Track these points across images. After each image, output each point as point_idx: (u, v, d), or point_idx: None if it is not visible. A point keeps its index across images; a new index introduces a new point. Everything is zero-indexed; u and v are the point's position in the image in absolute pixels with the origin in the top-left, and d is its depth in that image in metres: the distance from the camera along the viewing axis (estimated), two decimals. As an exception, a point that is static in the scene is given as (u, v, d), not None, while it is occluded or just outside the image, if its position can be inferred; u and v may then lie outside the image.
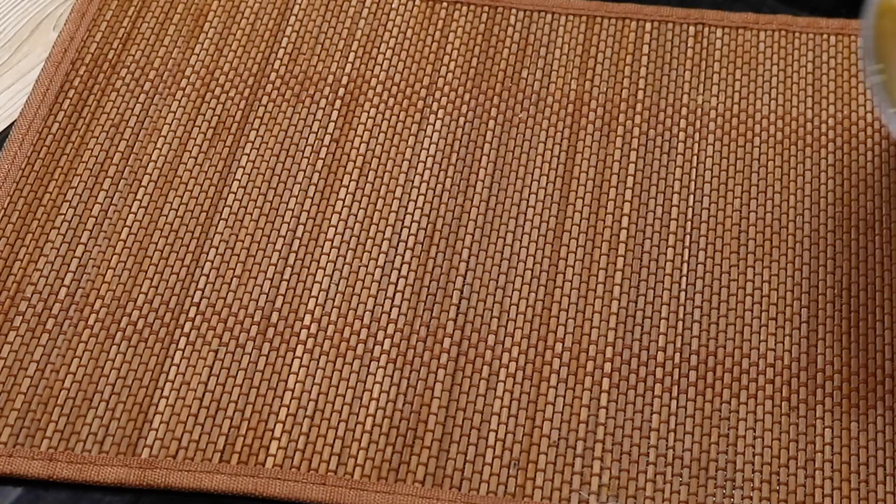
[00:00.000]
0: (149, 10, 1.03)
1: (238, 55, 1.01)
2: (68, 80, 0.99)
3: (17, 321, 0.86)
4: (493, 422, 0.81)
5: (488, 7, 1.03)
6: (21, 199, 0.92)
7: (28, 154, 0.94)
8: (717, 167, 0.93)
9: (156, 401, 0.82)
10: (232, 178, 0.93)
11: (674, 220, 0.91)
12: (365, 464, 0.79)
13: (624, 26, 1.02)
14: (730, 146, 0.94)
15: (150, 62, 1.00)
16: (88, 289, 0.87)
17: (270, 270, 0.88)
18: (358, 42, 1.01)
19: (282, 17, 1.03)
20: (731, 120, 0.96)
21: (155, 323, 0.85)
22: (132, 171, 0.94)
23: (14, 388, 0.83)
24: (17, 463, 0.80)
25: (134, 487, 0.79)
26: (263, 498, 0.79)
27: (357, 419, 0.81)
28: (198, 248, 0.89)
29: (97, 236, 0.90)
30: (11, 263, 0.89)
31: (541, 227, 0.90)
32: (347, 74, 0.99)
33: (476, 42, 1.01)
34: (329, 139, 0.95)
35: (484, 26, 1.02)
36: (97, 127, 0.96)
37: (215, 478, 0.79)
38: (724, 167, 0.93)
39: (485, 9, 1.03)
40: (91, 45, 1.01)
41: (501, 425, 0.81)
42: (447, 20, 1.03)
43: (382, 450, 0.79)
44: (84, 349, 0.85)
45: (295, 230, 0.90)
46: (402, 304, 0.86)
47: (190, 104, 0.98)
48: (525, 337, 0.84)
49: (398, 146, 0.95)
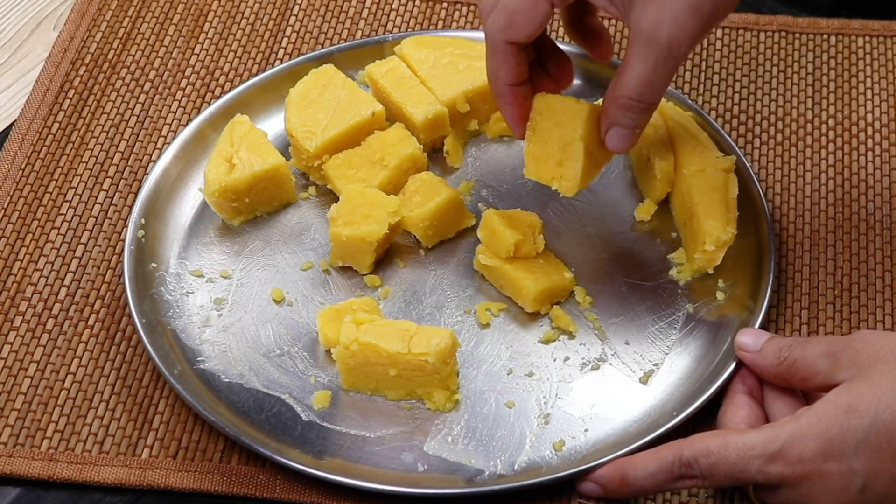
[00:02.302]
0: (149, 10, 1.03)
1: (238, 55, 1.01)
2: (68, 80, 0.99)
3: (17, 321, 0.86)
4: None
5: (488, 7, 1.03)
6: (21, 199, 0.92)
7: (28, 154, 0.94)
8: (717, 167, 0.93)
9: (156, 401, 0.82)
10: (232, 179, 0.93)
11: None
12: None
13: (625, 27, 1.02)
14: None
15: (150, 62, 1.00)
16: (88, 289, 0.87)
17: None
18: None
19: (282, 17, 1.03)
20: (732, 121, 0.96)
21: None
22: (132, 171, 0.94)
23: (14, 388, 0.83)
24: (17, 463, 0.80)
25: (134, 488, 0.79)
26: (263, 498, 0.79)
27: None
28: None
29: (97, 236, 0.90)
30: (11, 263, 0.89)
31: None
32: (347, 74, 0.99)
33: (476, 42, 1.01)
34: (329, 139, 0.95)
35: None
36: (97, 127, 0.96)
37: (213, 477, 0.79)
38: (725, 167, 0.93)
39: (485, 9, 1.03)
40: (91, 45, 1.01)
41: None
42: (447, 20, 1.03)
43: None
44: (84, 349, 0.85)
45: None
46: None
47: (190, 104, 0.98)
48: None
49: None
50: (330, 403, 0.82)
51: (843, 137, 0.95)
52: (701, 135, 0.90)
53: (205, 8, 1.04)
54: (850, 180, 0.93)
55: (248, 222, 0.90)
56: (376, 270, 0.88)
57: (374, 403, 0.82)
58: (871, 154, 0.94)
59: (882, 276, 0.88)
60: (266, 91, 0.95)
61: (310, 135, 0.90)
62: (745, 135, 0.95)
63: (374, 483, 0.77)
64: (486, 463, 0.79)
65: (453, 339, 0.80)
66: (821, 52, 1.00)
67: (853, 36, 1.01)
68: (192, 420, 0.81)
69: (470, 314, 0.86)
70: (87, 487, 0.79)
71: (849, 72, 0.99)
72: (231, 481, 0.79)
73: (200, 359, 0.84)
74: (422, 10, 1.03)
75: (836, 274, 0.88)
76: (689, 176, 0.87)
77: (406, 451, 0.80)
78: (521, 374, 0.83)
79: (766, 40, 1.01)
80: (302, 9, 1.03)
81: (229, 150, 0.89)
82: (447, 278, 0.87)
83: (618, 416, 0.81)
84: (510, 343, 0.84)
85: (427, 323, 0.85)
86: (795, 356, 0.75)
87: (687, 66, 0.99)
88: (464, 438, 0.80)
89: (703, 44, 1.01)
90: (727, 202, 0.85)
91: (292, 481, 0.79)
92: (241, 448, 0.80)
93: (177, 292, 0.86)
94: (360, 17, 1.03)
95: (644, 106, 0.77)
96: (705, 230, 0.84)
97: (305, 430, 0.81)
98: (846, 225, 0.91)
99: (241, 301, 0.86)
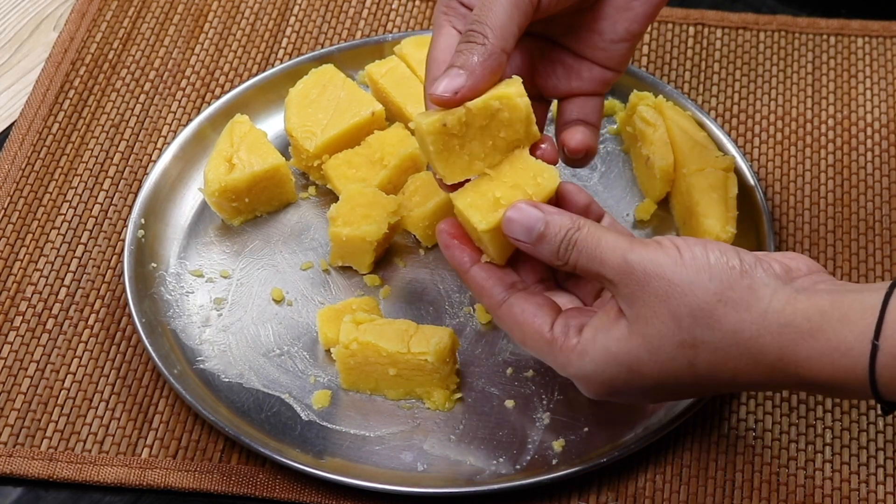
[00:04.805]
0: (149, 10, 1.03)
1: (238, 55, 1.01)
2: (68, 80, 0.99)
3: (17, 321, 0.86)
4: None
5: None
6: (21, 199, 0.92)
7: (28, 154, 0.94)
8: (716, 167, 0.93)
9: (156, 400, 0.82)
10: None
11: (674, 221, 0.91)
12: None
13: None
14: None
15: (150, 62, 1.00)
16: (88, 289, 0.87)
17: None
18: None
19: (282, 17, 1.03)
20: (731, 120, 0.96)
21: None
22: (132, 171, 0.94)
23: (14, 388, 0.83)
24: (17, 463, 0.80)
25: (134, 487, 0.79)
26: (263, 498, 0.79)
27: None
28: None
29: (97, 236, 0.90)
30: (11, 263, 0.89)
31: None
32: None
33: (476, 42, 1.01)
34: (329, 139, 0.95)
35: (484, 26, 1.02)
36: (97, 127, 0.96)
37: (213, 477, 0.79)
38: (724, 167, 0.93)
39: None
40: (91, 45, 1.01)
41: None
42: (447, 20, 1.03)
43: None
44: (84, 349, 0.85)
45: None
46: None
47: (190, 104, 0.98)
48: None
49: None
50: (330, 403, 0.82)
51: (842, 137, 0.95)
52: (700, 134, 0.90)
53: (205, 8, 1.04)
54: (849, 180, 0.93)
55: (248, 222, 0.90)
56: (376, 270, 0.88)
57: (374, 403, 0.82)
58: (871, 154, 0.94)
59: (882, 275, 0.88)
60: (266, 91, 0.95)
61: (310, 135, 0.90)
62: (745, 134, 0.95)
63: (374, 482, 0.77)
64: (487, 462, 0.79)
65: (453, 339, 0.80)
66: (820, 52, 1.00)
67: (852, 36, 1.01)
68: (192, 420, 0.81)
69: (470, 313, 0.86)
70: (87, 487, 0.79)
71: (848, 72, 0.99)
72: (231, 481, 0.79)
73: (200, 358, 0.84)
74: (422, 10, 1.03)
75: (836, 273, 0.88)
76: (689, 175, 0.87)
77: (406, 450, 0.80)
78: (522, 373, 0.83)
79: (766, 40, 1.01)
80: (302, 9, 1.04)
81: (229, 150, 0.89)
82: (447, 278, 0.87)
83: (618, 416, 0.81)
84: (510, 342, 0.84)
85: (427, 322, 0.85)
86: (575, 262, 0.72)
87: (687, 66, 0.99)
88: (464, 438, 0.80)
89: (703, 43, 1.01)
90: (727, 201, 0.85)
91: (292, 481, 0.79)
92: (240, 448, 0.80)
93: (177, 292, 0.86)
94: (360, 17, 1.03)
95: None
96: (705, 229, 0.84)
97: (305, 429, 0.81)
98: (846, 225, 0.91)
99: (241, 301, 0.86)
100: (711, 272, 0.68)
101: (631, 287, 0.69)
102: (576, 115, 0.80)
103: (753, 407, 0.82)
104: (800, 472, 0.79)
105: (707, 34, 1.01)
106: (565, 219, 0.72)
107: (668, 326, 0.69)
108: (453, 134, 0.73)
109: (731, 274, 0.68)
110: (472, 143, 0.73)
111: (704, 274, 0.68)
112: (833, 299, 0.67)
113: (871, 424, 0.81)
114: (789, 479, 0.79)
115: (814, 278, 0.69)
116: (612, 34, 0.78)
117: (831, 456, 0.80)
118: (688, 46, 1.01)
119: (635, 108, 0.91)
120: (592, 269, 0.71)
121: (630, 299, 0.70)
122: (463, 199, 0.74)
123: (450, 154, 0.73)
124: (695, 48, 1.00)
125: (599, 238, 0.71)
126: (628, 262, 0.69)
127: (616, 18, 0.78)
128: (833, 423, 0.81)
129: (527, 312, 0.73)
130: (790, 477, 0.79)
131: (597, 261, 0.70)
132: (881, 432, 0.81)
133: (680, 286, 0.68)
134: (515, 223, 0.72)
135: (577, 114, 0.80)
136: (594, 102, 0.80)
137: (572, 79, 0.79)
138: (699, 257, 0.69)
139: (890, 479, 0.79)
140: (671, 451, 0.80)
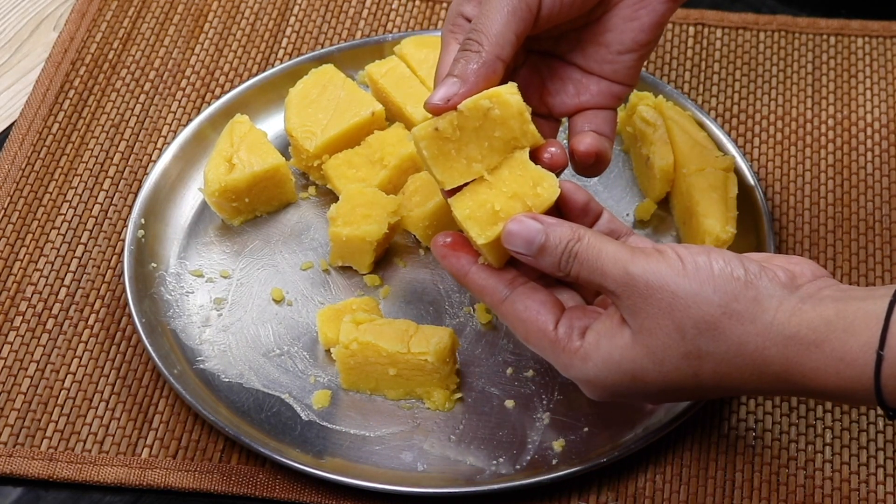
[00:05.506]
0: (149, 10, 1.03)
1: (238, 55, 1.01)
2: (68, 80, 0.99)
3: (17, 321, 0.86)
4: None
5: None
6: (21, 199, 0.92)
7: (28, 154, 0.94)
8: (716, 167, 0.93)
9: (156, 400, 0.82)
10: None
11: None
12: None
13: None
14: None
15: (150, 62, 1.00)
16: (88, 289, 0.87)
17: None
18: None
19: (282, 17, 1.03)
20: (731, 120, 0.96)
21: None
22: (132, 171, 0.94)
23: (14, 388, 0.83)
24: (17, 463, 0.80)
25: (134, 487, 0.79)
26: (263, 498, 0.79)
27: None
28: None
29: (97, 236, 0.90)
30: (11, 263, 0.89)
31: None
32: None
33: (476, 42, 1.01)
34: (329, 139, 0.95)
35: (484, 26, 1.02)
36: (97, 127, 0.96)
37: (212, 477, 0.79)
38: (724, 167, 0.93)
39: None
40: (91, 45, 1.01)
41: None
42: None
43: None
44: (84, 349, 0.85)
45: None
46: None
47: (190, 104, 0.98)
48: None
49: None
50: (330, 403, 0.82)
51: (842, 137, 0.95)
52: (700, 134, 0.90)
53: (205, 8, 1.04)
54: (849, 180, 0.93)
55: (248, 222, 0.90)
56: (376, 270, 0.88)
57: (374, 403, 0.82)
58: (871, 154, 0.94)
59: (882, 275, 0.88)
60: (266, 91, 0.95)
61: (310, 135, 0.90)
62: (745, 134, 0.95)
63: (374, 482, 0.77)
64: (487, 462, 0.79)
65: (453, 339, 0.80)
66: (820, 52, 1.00)
67: (852, 36, 1.01)
68: (192, 420, 0.81)
69: (470, 313, 0.86)
70: (86, 487, 0.79)
71: (848, 72, 0.99)
72: (231, 481, 0.79)
73: (200, 358, 0.84)
74: (422, 10, 1.03)
75: (836, 273, 0.88)
76: (689, 175, 0.87)
77: (406, 450, 0.80)
78: (522, 373, 0.83)
79: (766, 40, 1.01)
80: (302, 9, 1.04)
81: (229, 150, 0.89)
82: (447, 278, 0.87)
83: (618, 416, 0.81)
84: (510, 342, 0.84)
85: (427, 322, 0.85)
86: (577, 274, 0.71)
87: (687, 66, 0.99)
88: (464, 438, 0.80)
89: (703, 43, 1.01)
90: (727, 201, 0.85)
91: (292, 481, 0.79)
92: (240, 447, 0.80)
93: (177, 292, 0.86)
94: (360, 17, 1.03)
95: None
96: (705, 229, 0.84)
97: (305, 429, 0.81)
98: (845, 225, 0.91)
99: (241, 301, 0.87)
100: (716, 283, 0.68)
101: (634, 299, 0.69)
102: (587, 128, 0.79)
103: (753, 407, 0.82)
104: (800, 472, 0.79)
105: (707, 34, 1.01)
106: (566, 230, 0.71)
107: (673, 338, 0.69)
108: (447, 138, 0.73)
109: (736, 285, 0.68)
110: (468, 147, 0.73)
111: (708, 285, 0.68)
112: (838, 308, 0.67)
113: (871, 424, 0.81)
114: (789, 479, 0.79)
115: (819, 284, 0.69)
116: (618, 45, 0.78)
117: (831, 456, 0.80)
118: (688, 46, 1.01)
119: (635, 108, 0.91)
120: (594, 280, 0.71)
121: (633, 311, 0.70)
122: (461, 208, 0.74)
123: (446, 159, 0.73)
124: (695, 48, 1.00)
125: (600, 249, 0.70)
126: (630, 275, 0.69)
127: (623, 29, 0.78)
128: (833, 423, 0.81)
129: (530, 309, 0.73)
130: (790, 477, 0.79)
131: (598, 273, 0.70)
132: (881, 432, 0.81)
133: (684, 298, 0.68)
134: (515, 236, 0.72)
135: (588, 126, 0.79)
136: (605, 114, 0.80)
137: (581, 94, 0.79)
138: (703, 267, 0.69)
139: (890, 479, 0.79)
140: (671, 451, 0.80)
